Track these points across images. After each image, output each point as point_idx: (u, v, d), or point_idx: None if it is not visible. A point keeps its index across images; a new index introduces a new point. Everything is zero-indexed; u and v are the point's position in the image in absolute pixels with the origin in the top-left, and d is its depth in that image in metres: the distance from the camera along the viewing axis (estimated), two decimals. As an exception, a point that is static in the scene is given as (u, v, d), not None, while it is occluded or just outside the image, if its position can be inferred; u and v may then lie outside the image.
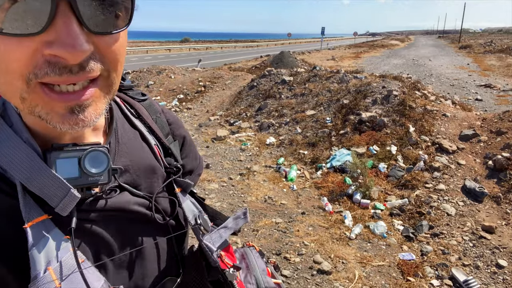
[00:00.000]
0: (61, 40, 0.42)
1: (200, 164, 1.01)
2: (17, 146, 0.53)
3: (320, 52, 33.11)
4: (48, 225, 0.53)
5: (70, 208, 0.54)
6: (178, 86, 11.77)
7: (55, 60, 0.44)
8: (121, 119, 0.73)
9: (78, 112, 0.48)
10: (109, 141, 0.66)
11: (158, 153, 0.77)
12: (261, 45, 56.17)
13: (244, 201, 4.73)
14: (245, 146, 6.77)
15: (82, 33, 0.43)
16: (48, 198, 0.53)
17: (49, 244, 0.52)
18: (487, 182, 4.72)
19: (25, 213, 0.51)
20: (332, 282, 3.25)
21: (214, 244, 0.75)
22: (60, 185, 0.53)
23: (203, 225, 0.74)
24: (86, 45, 0.44)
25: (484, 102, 10.66)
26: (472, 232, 3.95)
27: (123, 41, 0.52)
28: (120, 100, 0.78)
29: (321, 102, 7.76)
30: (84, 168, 0.56)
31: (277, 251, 3.66)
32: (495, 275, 3.37)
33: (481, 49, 31.72)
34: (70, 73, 0.45)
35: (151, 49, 36.69)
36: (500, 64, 20.40)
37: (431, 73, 17.17)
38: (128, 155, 0.69)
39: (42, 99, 0.46)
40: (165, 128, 0.83)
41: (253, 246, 0.96)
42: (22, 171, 0.53)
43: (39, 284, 0.50)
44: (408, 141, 5.72)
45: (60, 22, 0.42)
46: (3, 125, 0.55)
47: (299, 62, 16.91)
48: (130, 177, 0.68)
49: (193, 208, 0.78)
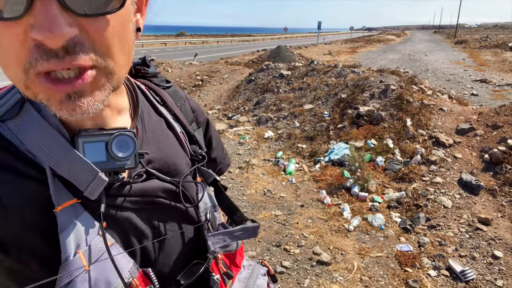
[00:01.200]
0: (39, 23, 0.40)
1: (227, 155, 1.02)
2: (46, 131, 0.54)
3: (316, 47, 33.08)
4: (77, 209, 0.54)
5: (98, 192, 0.54)
6: (175, 80, 11.73)
7: (40, 44, 0.42)
8: (147, 106, 0.73)
9: (75, 98, 0.46)
10: (135, 126, 0.66)
11: (184, 140, 0.77)
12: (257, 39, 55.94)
13: (244, 194, 4.76)
14: (244, 140, 6.79)
15: (63, 15, 0.41)
16: (77, 182, 0.54)
17: (79, 228, 0.53)
18: (483, 175, 4.78)
19: (55, 197, 0.52)
20: (331, 272, 3.31)
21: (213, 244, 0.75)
22: (88, 169, 0.54)
23: (211, 221, 0.74)
24: (67, 28, 0.41)
25: (480, 97, 10.74)
26: (469, 224, 4.01)
27: (118, 25, 0.48)
28: (145, 88, 0.77)
29: (319, 96, 7.79)
30: (111, 152, 0.57)
31: (276, 243, 3.71)
32: (491, 265, 3.43)
33: (477, 44, 31.82)
34: (57, 57, 0.43)
35: (146, 43, 36.43)
36: (495, 59, 20.51)
37: (427, 68, 17.24)
38: (155, 142, 0.69)
39: (41, 88, 0.46)
40: (189, 115, 0.84)
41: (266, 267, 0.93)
42: (51, 155, 0.53)
43: (69, 266, 0.51)
44: (405, 135, 5.77)
45: (39, 4, 0.40)
46: (31, 110, 0.56)
47: (296, 57, 16.91)
48: (158, 163, 0.68)
49: (207, 201, 0.78)
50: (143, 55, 0.84)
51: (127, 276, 0.56)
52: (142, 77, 0.80)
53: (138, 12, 0.57)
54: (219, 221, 0.80)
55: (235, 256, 0.83)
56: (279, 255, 3.55)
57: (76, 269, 0.51)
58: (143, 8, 0.59)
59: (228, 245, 0.79)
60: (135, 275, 0.58)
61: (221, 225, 0.80)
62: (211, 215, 0.75)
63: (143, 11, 0.58)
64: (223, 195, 0.86)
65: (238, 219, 0.85)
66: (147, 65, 0.81)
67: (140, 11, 0.58)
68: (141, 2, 0.57)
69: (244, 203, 4.53)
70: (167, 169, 0.69)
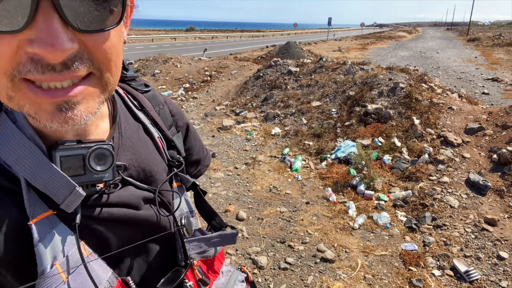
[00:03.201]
0: (41, 38, 0.41)
1: (208, 155, 1.00)
2: (21, 142, 0.53)
3: (326, 43, 32.87)
4: (53, 221, 0.54)
5: (75, 206, 0.54)
6: (184, 75, 11.78)
7: (37, 57, 0.42)
8: (124, 112, 0.72)
9: (66, 110, 0.46)
10: (113, 135, 0.65)
11: (161, 146, 0.76)
12: (267, 35, 55.78)
13: (250, 190, 4.79)
14: (251, 136, 6.82)
15: (64, 31, 0.41)
16: (53, 195, 0.53)
17: (55, 240, 0.52)
18: (491, 175, 4.74)
19: (29, 209, 0.51)
20: (335, 270, 3.32)
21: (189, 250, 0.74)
22: (65, 182, 0.53)
23: (187, 227, 0.73)
24: (69, 43, 0.42)
25: (491, 96, 10.60)
26: (475, 224, 3.99)
27: (116, 39, 0.49)
28: (123, 92, 0.77)
29: (327, 93, 7.76)
30: (89, 165, 0.56)
31: (281, 239, 3.73)
32: (496, 266, 3.42)
33: (490, 42, 31.31)
34: (53, 71, 0.43)
35: (156, 37, 36.59)
36: (508, 58, 20.18)
37: (438, 66, 17.04)
38: (132, 149, 0.68)
39: (29, 98, 0.45)
40: (168, 120, 0.83)
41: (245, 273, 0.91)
42: (27, 168, 0.52)
43: (46, 279, 0.50)
44: (413, 134, 5.74)
45: (41, 19, 0.40)
46: (7, 121, 0.54)
47: (305, 53, 16.83)
48: (134, 170, 0.67)
49: (184, 206, 0.77)
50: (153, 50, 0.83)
51: (105, 286, 0.56)
52: (120, 80, 0.78)
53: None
54: (196, 227, 0.79)
55: (213, 262, 0.82)
56: (283, 251, 3.58)
57: (53, 282, 0.50)
58: (128, 21, 0.59)
59: (205, 251, 0.78)
60: (113, 284, 0.57)
61: (198, 230, 0.79)
62: (187, 221, 0.73)
63: (127, 23, 0.59)
64: (202, 200, 0.85)
65: (217, 225, 0.84)
66: (125, 68, 0.80)
67: (125, 23, 0.58)
68: (127, 14, 0.58)
69: (250, 199, 4.56)
70: (143, 176, 0.69)
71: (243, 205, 4.42)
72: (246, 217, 4.16)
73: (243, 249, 3.59)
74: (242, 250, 3.57)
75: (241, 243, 3.70)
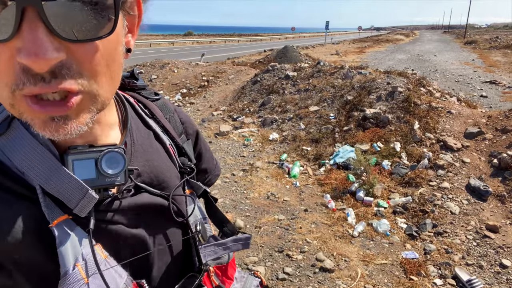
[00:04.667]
0: (26, 47, 0.41)
1: (217, 165, 1.02)
2: (35, 148, 0.54)
3: (324, 47, 32.93)
4: (70, 224, 0.55)
5: (88, 209, 0.55)
6: (181, 81, 11.74)
7: (26, 68, 0.42)
8: (135, 119, 0.73)
9: (59, 120, 0.46)
10: (125, 141, 0.66)
11: (172, 153, 0.77)
12: (264, 39, 55.89)
13: (247, 197, 4.72)
14: (248, 141, 6.75)
15: (49, 40, 0.41)
16: (66, 199, 0.54)
17: (74, 242, 0.54)
18: (491, 180, 4.68)
19: (48, 213, 0.52)
20: (334, 280, 3.25)
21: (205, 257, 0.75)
22: (78, 186, 0.54)
23: (202, 233, 0.73)
24: (54, 52, 0.41)
25: (489, 99, 10.57)
26: (476, 231, 3.92)
27: (108, 50, 0.48)
28: (134, 100, 0.77)
29: (325, 98, 7.71)
30: (101, 169, 0.57)
31: (279, 248, 3.66)
32: (499, 274, 3.35)
33: (487, 45, 31.43)
34: (44, 82, 0.43)
35: (154, 42, 36.57)
36: (505, 60, 20.22)
37: (436, 69, 17.04)
38: (144, 155, 0.69)
39: (26, 109, 0.46)
40: (178, 127, 0.84)
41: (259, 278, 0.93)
42: (40, 173, 0.53)
43: (69, 279, 0.52)
44: (412, 139, 5.68)
45: (26, 29, 0.40)
46: (20, 127, 0.55)
47: (303, 57, 16.81)
48: (147, 177, 0.68)
49: (197, 213, 0.78)
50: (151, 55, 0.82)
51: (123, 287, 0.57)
52: (130, 89, 0.80)
53: (129, 33, 0.57)
54: (210, 233, 0.79)
55: (226, 268, 0.82)
56: (281, 261, 3.50)
57: (76, 282, 0.52)
58: (135, 29, 0.58)
59: (219, 257, 0.79)
60: (130, 286, 0.58)
61: (212, 237, 0.80)
62: (202, 227, 0.74)
63: (134, 32, 0.58)
64: (214, 207, 0.86)
65: (229, 232, 0.85)
66: (135, 78, 0.81)
67: (131, 32, 0.57)
68: (132, 23, 0.56)
69: (247, 206, 4.49)
70: (156, 182, 0.69)
71: (240, 213, 4.34)
72: (243, 225, 4.08)
73: (240, 259, 3.51)
74: (239, 260, 3.49)
75: (238, 253, 3.62)
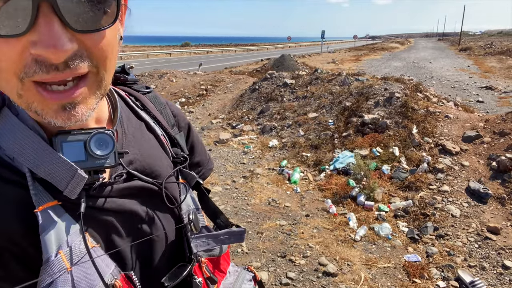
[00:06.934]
0: (43, 40, 0.43)
1: (210, 159, 1.01)
2: (24, 133, 0.55)
3: (320, 55, 33.17)
4: (58, 211, 0.54)
5: (78, 190, 0.54)
6: (179, 90, 11.79)
7: (41, 59, 0.45)
8: (126, 111, 0.74)
9: (70, 108, 0.49)
10: (115, 128, 0.66)
11: (165, 143, 0.78)
12: (261, 48, 56.26)
13: (248, 203, 4.72)
14: (248, 149, 6.77)
15: (64, 32, 0.44)
16: (56, 181, 0.54)
17: (60, 228, 0.53)
18: (491, 183, 4.71)
19: (35, 198, 0.52)
20: (337, 284, 3.24)
21: (196, 247, 0.74)
22: (67, 167, 0.54)
23: (194, 222, 0.73)
24: (69, 44, 0.45)
25: (486, 104, 10.66)
26: (477, 233, 3.94)
27: (111, 38, 0.52)
28: (125, 94, 0.79)
29: (323, 104, 7.76)
30: (90, 150, 0.57)
31: (282, 254, 3.65)
32: (502, 276, 3.35)
33: (481, 51, 31.75)
34: (57, 70, 0.46)
35: (151, 53, 36.79)
36: (500, 66, 20.42)
37: (431, 75, 17.19)
38: (136, 144, 0.69)
39: (36, 97, 0.48)
40: (170, 119, 0.84)
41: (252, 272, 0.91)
42: (30, 157, 0.54)
43: (51, 266, 0.51)
44: (411, 143, 5.72)
45: (42, 22, 0.43)
46: (9, 114, 0.56)
47: (300, 65, 16.93)
48: (139, 165, 0.68)
49: (190, 203, 0.77)
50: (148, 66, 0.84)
51: (109, 278, 0.56)
52: (122, 84, 0.82)
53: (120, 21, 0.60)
54: (203, 223, 0.78)
55: (219, 261, 0.82)
56: (284, 266, 3.50)
57: (58, 270, 0.51)
58: (123, 18, 0.61)
59: (211, 249, 0.78)
60: (117, 277, 0.57)
61: (205, 228, 0.79)
62: (194, 216, 0.73)
63: (122, 21, 0.61)
64: (206, 198, 0.85)
65: (222, 224, 0.84)
66: (126, 72, 0.83)
67: (121, 20, 0.61)
68: (123, 12, 0.60)
69: (249, 213, 4.49)
70: (148, 170, 0.69)
71: (242, 219, 4.34)
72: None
73: (243, 265, 3.50)
74: (242, 266, 3.48)
75: (241, 259, 3.62)
